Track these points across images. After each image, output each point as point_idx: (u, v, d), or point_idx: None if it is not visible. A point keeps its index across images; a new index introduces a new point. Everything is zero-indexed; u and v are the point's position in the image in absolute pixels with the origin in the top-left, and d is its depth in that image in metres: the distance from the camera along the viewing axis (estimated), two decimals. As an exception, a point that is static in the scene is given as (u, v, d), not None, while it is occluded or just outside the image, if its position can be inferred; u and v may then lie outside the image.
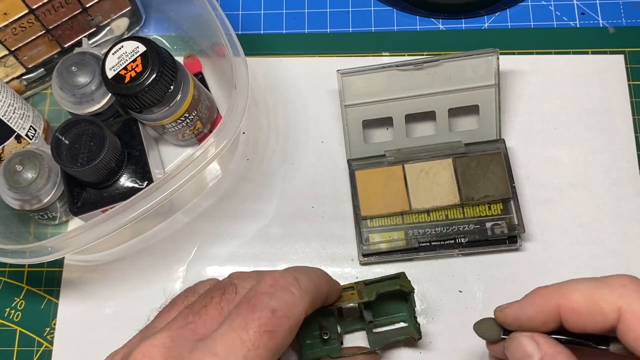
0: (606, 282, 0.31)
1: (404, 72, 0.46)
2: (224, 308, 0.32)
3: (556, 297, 0.32)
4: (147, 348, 0.31)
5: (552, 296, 0.32)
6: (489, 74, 0.46)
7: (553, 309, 0.32)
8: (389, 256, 0.46)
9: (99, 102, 0.45)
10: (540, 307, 0.32)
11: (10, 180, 0.44)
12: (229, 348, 0.29)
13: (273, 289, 0.32)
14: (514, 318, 0.34)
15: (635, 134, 0.49)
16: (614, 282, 0.30)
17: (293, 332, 0.32)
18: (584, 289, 0.31)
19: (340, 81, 0.45)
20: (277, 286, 0.32)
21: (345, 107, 0.46)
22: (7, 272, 0.48)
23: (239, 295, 0.33)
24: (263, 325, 0.30)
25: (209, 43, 0.48)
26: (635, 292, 0.30)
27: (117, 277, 0.47)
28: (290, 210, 0.48)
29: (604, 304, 0.30)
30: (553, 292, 0.32)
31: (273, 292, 0.32)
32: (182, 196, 0.48)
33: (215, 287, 0.34)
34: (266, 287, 0.32)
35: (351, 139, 0.47)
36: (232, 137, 0.40)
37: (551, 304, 0.32)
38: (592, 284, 0.31)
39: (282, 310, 0.31)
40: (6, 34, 0.46)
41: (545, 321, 0.32)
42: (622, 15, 0.52)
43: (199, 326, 0.32)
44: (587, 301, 0.30)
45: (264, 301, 0.31)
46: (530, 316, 0.33)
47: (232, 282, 0.34)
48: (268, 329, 0.30)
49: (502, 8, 0.53)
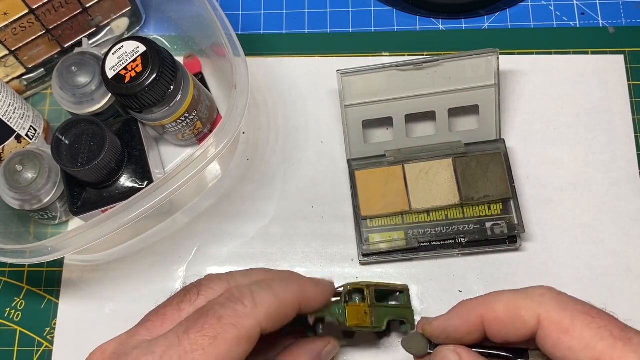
0: (526, 292, 0.32)
1: (404, 72, 0.46)
2: (182, 310, 0.32)
3: (480, 308, 0.33)
4: (106, 343, 0.33)
5: (477, 307, 0.33)
6: (489, 74, 0.46)
7: (477, 319, 0.33)
8: (388, 256, 0.46)
9: (99, 102, 0.45)
10: (465, 318, 0.34)
11: (11, 180, 0.44)
12: (166, 348, 0.30)
13: (225, 300, 0.32)
14: (440, 330, 0.35)
15: (635, 134, 0.49)
16: (534, 292, 0.32)
17: (242, 345, 0.31)
18: (505, 300, 0.33)
19: (340, 81, 0.45)
20: (230, 298, 0.32)
21: (345, 107, 0.46)
22: (7, 272, 0.48)
23: (201, 297, 0.33)
24: (205, 329, 0.30)
25: (209, 43, 0.48)
26: (552, 300, 0.31)
27: (117, 277, 0.47)
28: (290, 210, 0.48)
29: (524, 312, 0.31)
30: (477, 304, 0.34)
31: (224, 302, 0.32)
32: (182, 196, 0.48)
33: (183, 289, 0.34)
34: (220, 298, 0.32)
35: (351, 139, 0.47)
36: (232, 137, 0.40)
37: (475, 315, 0.33)
38: (513, 295, 0.33)
39: (230, 318, 0.31)
40: (6, 34, 0.46)
41: (469, 331, 0.34)
42: (622, 15, 0.52)
43: (155, 325, 0.32)
44: (509, 310, 0.32)
45: (213, 309, 0.31)
46: (456, 327, 0.34)
47: (199, 283, 0.34)
48: (210, 334, 0.30)
49: (502, 8, 0.53)
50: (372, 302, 0.40)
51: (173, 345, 0.30)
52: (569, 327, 0.30)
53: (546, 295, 0.31)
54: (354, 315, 0.39)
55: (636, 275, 0.45)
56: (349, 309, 0.38)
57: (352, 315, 0.38)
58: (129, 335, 0.32)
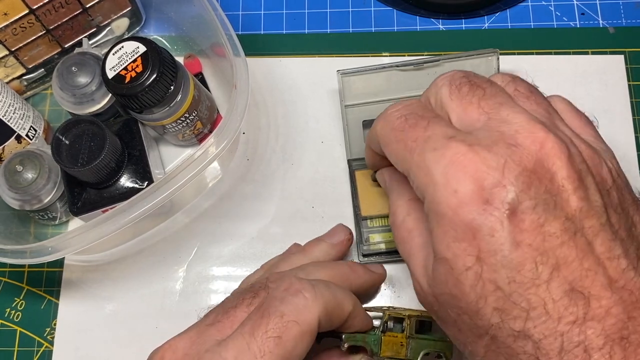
0: None
1: (404, 72, 0.46)
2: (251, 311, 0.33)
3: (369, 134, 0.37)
4: (176, 341, 0.33)
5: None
6: (488, 74, 0.46)
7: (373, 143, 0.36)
8: (389, 256, 0.46)
9: (99, 102, 0.45)
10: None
11: (11, 180, 0.44)
12: (237, 354, 0.30)
13: (285, 293, 0.32)
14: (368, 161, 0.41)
15: (635, 134, 0.49)
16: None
17: (305, 340, 0.31)
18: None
19: (340, 81, 0.45)
20: (290, 290, 0.32)
21: (346, 107, 0.46)
22: (7, 272, 0.48)
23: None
24: (270, 330, 0.30)
25: (209, 43, 0.48)
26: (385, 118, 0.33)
27: (117, 277, 0.47)
28: (291, 211, 0.48)
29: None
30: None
31: (284, 297, 0.32)
32: (182, 196, 0.48)
33: (249, 288, 0.35)
34: (279, 292, 0.32)
35: (351, 139, 0.47)
36: (232, 137, 0.40)
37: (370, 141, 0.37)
38: None
39: (291, 314, 0.31)
40: (6, 34, 0.46)
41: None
42: (622, 15, 0.52)
43: (225, 326, 0.33)
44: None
45: (274, 306, 0.31)
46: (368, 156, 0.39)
47: (267, 284, 0.35)
48: (274, 335, 0.30)
49: (502, 8, 0.53)
50: (410, 334, 0.38)
51: (243, 351, 0.30)
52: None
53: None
54: (389, 347, 0.38)
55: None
56: (385, 339, 0.38)
57: (387, 347, 0.38)
58: (199, 333, 0.33)
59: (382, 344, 0.37)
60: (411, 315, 0.38)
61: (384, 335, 0.38)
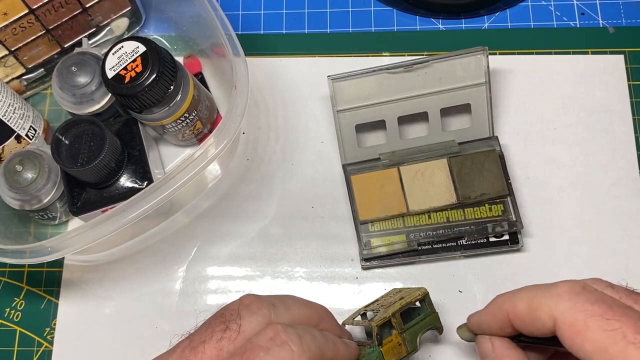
0: (548, 290, 0.31)
1: (395, 74, 0.45)
2: (222, 349, 0.31)
3: (506, 305, 0.33)
4: None
5: (503, 304, 0.33)
6: (479, 72, 0.46)
7: (504, 316, 0.33)
8: (390, 260, 0.45)
9: (99, 102, 0.45)
10: (494, 315, 0.34)
11: (10, 180, 0.44)
12: None
13: (271, 343, 0.31)
14: (476, 325, 0.36)
15: (635, 134, 0.49)
16: (554, 290, 0.31)
17: None
18: (527, 297, 0.32)
19: (331, 87, 0.45)
20: (276, 340, 0.31)
21: (338, 112, 0.46)
22: (7, 272, 0.48)
23: (242, 335, 0.32)
24: None
25: (209, 43, 0.48)
26: (569, 300, 0.30)
27: (117, 277, 0.47)
28: (290, 210, 0.48)
29: (540, 312, 0.31)
30: (504, 300, 0.33)
31: (270, 347, 0.30)
32: (182, 196, 0.48)
33: (220, 317, 0.33)
34: (264, 340, 0.31)
35: (345, 143, 0.47)
36: (232, 137, 0.40)
37: (502, 312, 0.33)
38: (535, 292, 0.32)
39: None
40: (6, 34, 0.46)
41: (501, 327, 0.34)
42: (622, 15, 0.52)
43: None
44: (529, 309, 0.32)
45: (259, 357, 0.30)
46: (487, 323, 0.35)
47: (239, 315, 0.33)
48: None
49: (502, 8, 0.53)
50: (401, 329, 0.39)
51: None
52: (582, 330, 0.29)
53: (563, 295, 0.31)
54: (391, 353, 0.38)
55: (636, 275, 0.45)
56: (385, 349, 0.38)
57: (389, 354, 0.38)
58: None
59: (385, 354, 0.38)
60: (394, 312, 0.39)
61: (382, 346, 0.38)
